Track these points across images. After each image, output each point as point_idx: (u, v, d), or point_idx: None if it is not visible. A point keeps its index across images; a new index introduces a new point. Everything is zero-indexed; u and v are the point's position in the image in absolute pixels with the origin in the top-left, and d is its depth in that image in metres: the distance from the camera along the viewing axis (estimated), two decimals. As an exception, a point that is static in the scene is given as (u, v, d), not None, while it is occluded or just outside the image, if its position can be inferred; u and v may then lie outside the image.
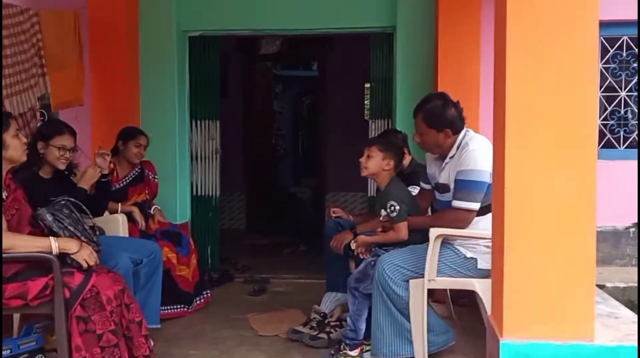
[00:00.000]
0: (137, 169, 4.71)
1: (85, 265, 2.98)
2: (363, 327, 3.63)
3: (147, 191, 4.76)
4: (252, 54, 8.07)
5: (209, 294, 4.82)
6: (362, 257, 3.74)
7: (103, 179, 3.96)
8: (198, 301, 4.68)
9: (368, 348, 3.62)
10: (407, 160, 4.26)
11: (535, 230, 2.43)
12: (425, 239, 3.63)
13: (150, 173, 4.80)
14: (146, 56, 5.42)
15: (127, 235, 4.22)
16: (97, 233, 3.31)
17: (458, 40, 4.95)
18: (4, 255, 2.85)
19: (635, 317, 2.76)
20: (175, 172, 5.53)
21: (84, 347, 2.89)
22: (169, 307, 4.40)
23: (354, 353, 3.61)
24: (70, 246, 2.98)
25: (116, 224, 4.19)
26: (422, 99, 3.60)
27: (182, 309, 4.51)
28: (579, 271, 2.42)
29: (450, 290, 4.24)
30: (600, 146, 5.52)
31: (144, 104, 5.43)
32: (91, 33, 5.11)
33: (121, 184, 4.60)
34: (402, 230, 3.59)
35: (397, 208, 3.56)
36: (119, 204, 4.44)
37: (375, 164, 3.69)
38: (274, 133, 10.54)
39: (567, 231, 2.42)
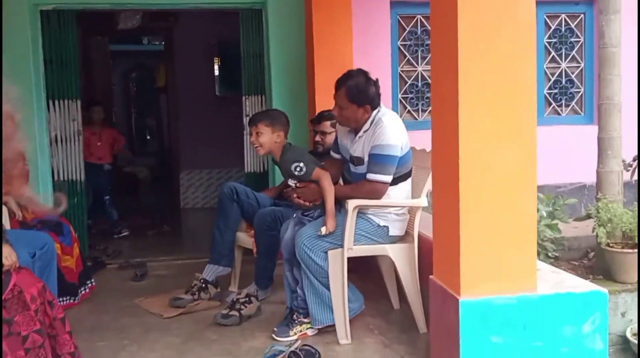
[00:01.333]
0: (5, 154, 4.29)
1: (6, 263, 2.72)
2: None
3: (18, 178, 4.35)
4: (90, 28, 7.60)
5: (93, 283, 4.57)
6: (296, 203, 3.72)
7: None
8: (83, 292, 4.43)
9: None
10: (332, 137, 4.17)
11: (486, 196, 2.63)
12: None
13: (20, 158, 4.39)
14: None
15: (9, 228, 3.86)
16: (2, 227, 3.02)
17: (331, 18, 5.03)
18: None
19: (551, 267, 3.11)
20: (36, 156, 5.13)
21: (9, 350, 2.66)
22: (56, 300, 4.10)
23: (308, 319, 3.65)
24: (-16, 245, 2.70)
25: (-5, 216, 3.81)
26: (344, 74, 3.62)
27: (69, 301, 4.25)
28: (524, 230, 2.67)
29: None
30: (546, 113, 6.22)
31: (-6, 85, 4.93)
32: None
33: (-10, 172, 4.16)
34: (322, 175, 3.59)
35: (302, 164, 3.62)
36: (-10, 194, 4.03)
37: (267, 139, 3.74)
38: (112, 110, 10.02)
39: (514, 195, 2.65)
